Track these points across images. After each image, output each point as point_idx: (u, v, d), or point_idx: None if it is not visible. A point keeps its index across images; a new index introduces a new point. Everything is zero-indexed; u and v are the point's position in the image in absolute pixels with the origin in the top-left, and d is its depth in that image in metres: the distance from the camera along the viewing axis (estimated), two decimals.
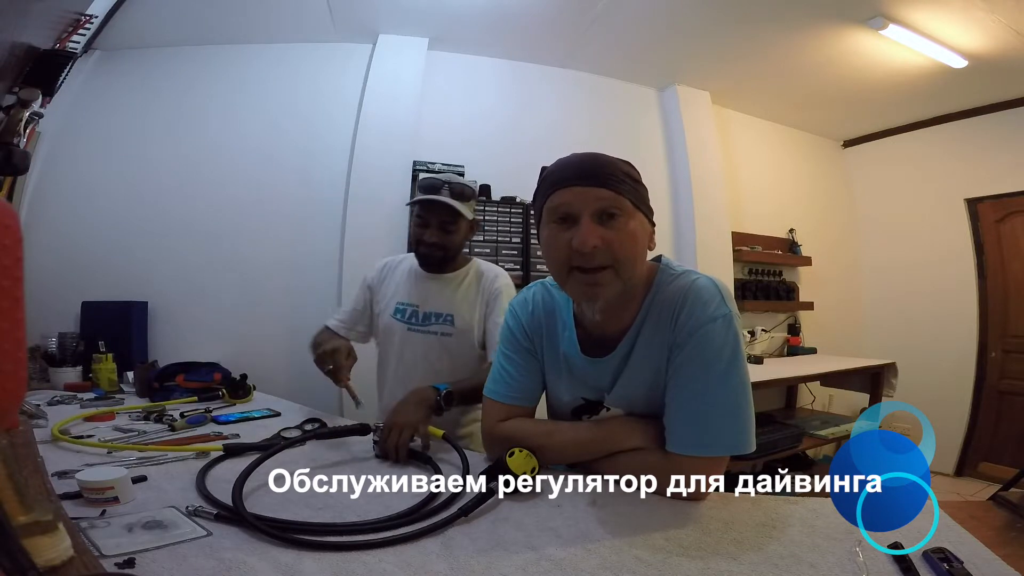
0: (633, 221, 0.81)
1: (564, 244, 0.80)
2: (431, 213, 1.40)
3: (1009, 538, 0.69)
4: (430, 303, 1.45)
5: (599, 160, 0.82)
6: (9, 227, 0.47)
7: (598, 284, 0.80)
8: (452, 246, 1.43)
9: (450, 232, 1.41)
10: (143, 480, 0.83)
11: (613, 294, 0.82)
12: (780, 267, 3.68)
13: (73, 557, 0.49)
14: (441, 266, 1.46)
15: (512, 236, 2.71)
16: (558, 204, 0.81)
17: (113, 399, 1.60)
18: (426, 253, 1.43)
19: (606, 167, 0.81)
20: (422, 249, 1.43)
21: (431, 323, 1.44)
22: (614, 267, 0.80)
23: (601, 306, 0.83)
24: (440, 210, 1.39)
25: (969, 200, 3.48)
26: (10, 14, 1.05)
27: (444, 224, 1.40)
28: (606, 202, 0.79)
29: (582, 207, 0.79)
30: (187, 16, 2.30)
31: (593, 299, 0.82)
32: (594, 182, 0.79)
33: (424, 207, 1.40)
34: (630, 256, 0.80)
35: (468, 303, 1.44)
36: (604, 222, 0.79)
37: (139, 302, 2.21)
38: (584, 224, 0.78)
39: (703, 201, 3.22)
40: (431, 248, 1.41)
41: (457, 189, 1.40)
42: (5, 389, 0.47)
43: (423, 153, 2.65)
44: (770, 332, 3.52)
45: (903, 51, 2.64)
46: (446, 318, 1.44)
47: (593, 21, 2.54)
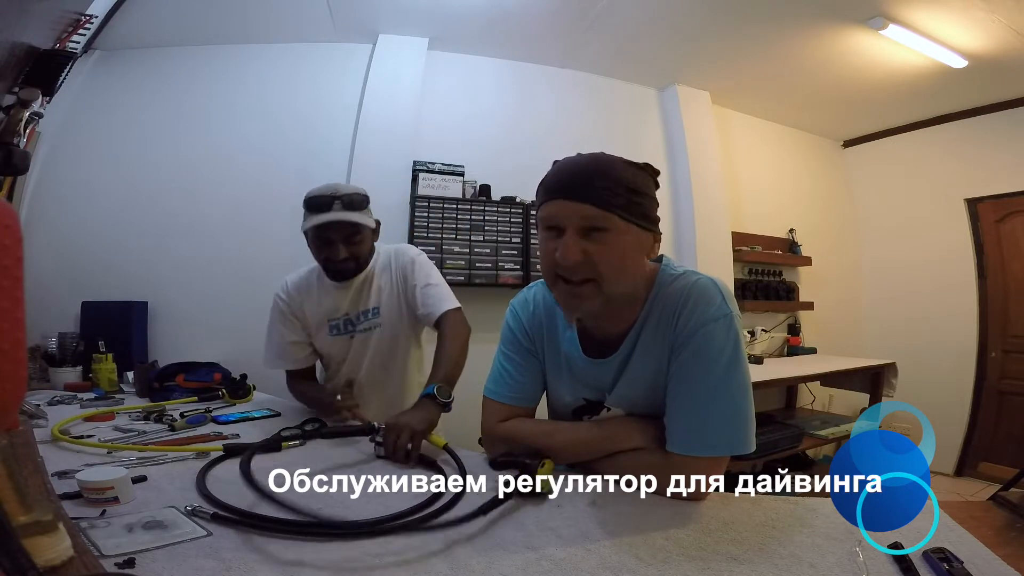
0: (623, 236, 0.79)
1: (550, 253, 0.81)
2: (333, 231, 1.33)
3: (1009, 538, 0.69)
4: (353, 305, 1.45)
5: (595, 170, 0.79)
6: (9, 227, 0.47)
7: (579, 296, 0.80)
8: (363, 255, 1.40)
9: (357, 243, 1.37)
10: (143, 480, 0.83)
11: (595, 307, 0.82)
12: (780, 267, 3.67)
13: (73, 557, 0.49)
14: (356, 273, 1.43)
15: (512, 236, 2.71)
16: (547, 215, 0.81)
17: (113, 399, 1.60)
18: (341, 270, 1.39)
19: (600, 179, 0.78)
20: (332, 267, 1.38)
21: (361, 321, 1.45)
22: (597, 281, 0.79)
23: (583, 316, 0.84)
24: (342, 227, 1.33)
25: (969, 200, 3.48)
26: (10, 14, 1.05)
27: (349, 238, 1.35)
28: (591, 220, 0.78)
29: (567, 221, 0.78)
30: (187, 16, 2.30)
31: (573, 310, 0.84)
32: (581, 197, 0.77)
33: (322, 228, 1.32)
34: (615, 271, 0.80)
35: (387, 289, 1.45)
36: (589, 236, 0.78)
37: (139, 302, 2.21)
38: (567, 238, 0.78)
39: (703, 201, 3.22)
40: (344, 264, 1.37)
41: (347, 200, 1.33)
42: (5, 389, 0.47)
43: (423, 153, 2.65)
44: (770, 332, 3.52)
45: (903, 51, 2.64)
46: (373, 311, 1.45)
47: (593, 21, 2.54)
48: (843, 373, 3.07)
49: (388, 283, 1.46)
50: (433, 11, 2.48)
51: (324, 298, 1.46)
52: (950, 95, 3.22)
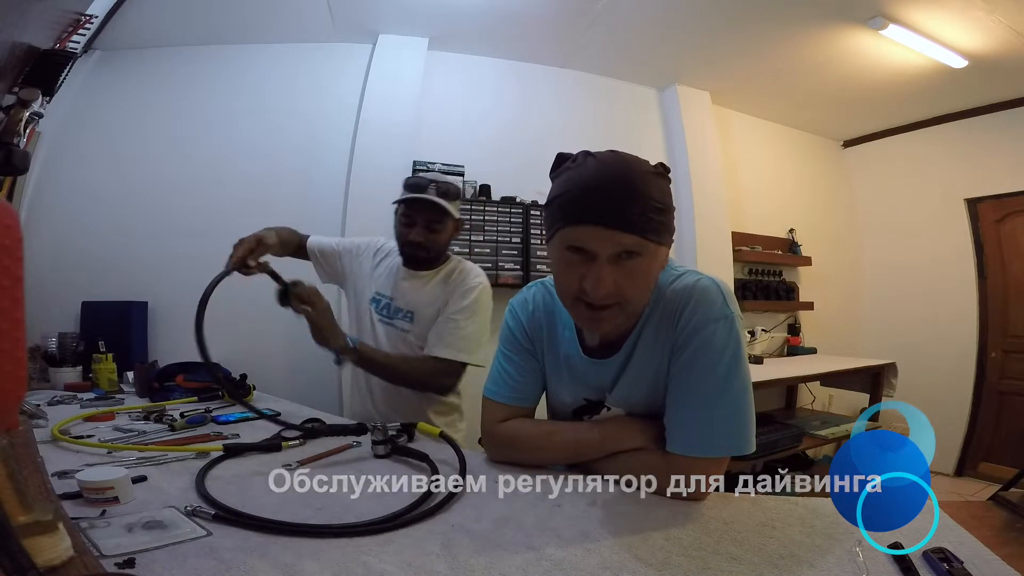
0: (652, 260, 0.76)
1: (574, 279, 0.76)
2: (418, 212, 1.39)
3: (1009, 538, 0.69)
4: (402, 298, 1.46)
5: (628, 191, 0.72)
6: (9, 227, 0.47)
7: (603, 320, 0.78)
8: (437, 245, 1.43)
9: (436, 231, 1.41)
10: (143, 480, 0.83)
11: (615, 327, 0.81)
12: (780, 267, 3.68)
13: (73, 557, 0.49)
14: (424, 264, 1.46)
15: (512, 236, 2.71)
16: (575, 239, 0.74)
17: (113, 399, 1.60)
18: (410, 253, 1.43)
19: (635, 202, 0.72)
20: (407, 249, 1.43)
21: (396, 317, 1.46)
22: (621, 304, 0.77)
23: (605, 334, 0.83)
24: (427, 208, 1.38)
25: (969, 200, 3.48)
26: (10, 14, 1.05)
27: (431, 223, 1.40)
28: (627, 246, 0.73)
29: (600, 249, 0.73)
30: (187, 16, 2.30)
31: (595, 331, 0.83)
32: (616, 225, 0.71)
33: (410, 206, 1.39)
34: (641, 295, 0.79)
35: (430, 301, 1.43)
36: (621, 261, 0.74)
37: (139, 302, 2.21)
38: (600, 268, 0.73)
39: (703, 201, 3.22)
40: (415, 248, 1.41)
41: (443, 188, 1.39)
42: (5, 389, 0.47)
43: (423, 153, 2.65)
44: (770, 332, 3.53)
45: (903, 51, 2.64)
46: (406, 314, 1.44)
47: (593, 21, 2.54)
48: (843, 373, 3.07)
49: (432, 298, 1.43)
50: (433, 11, 2.48)
51: (389, 274, 1.50)
52: (950, 95, 3.22)
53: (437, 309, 1.42)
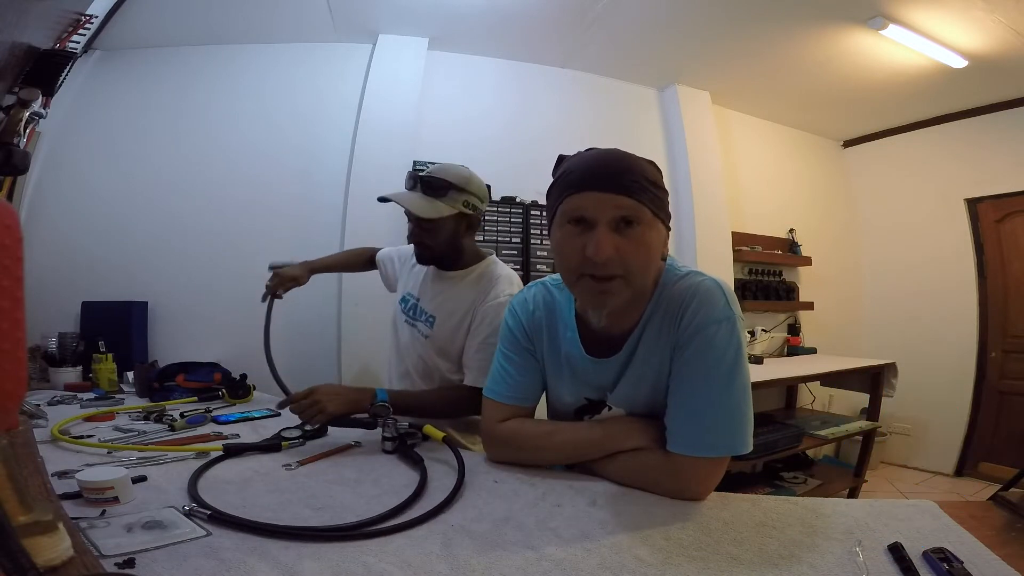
0: (651, 231, 0.78)
1: (577, 250, 0.78)
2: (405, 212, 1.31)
3: (1009, 538, 0.69)
4: (427, 300, 1.40)
5: (622, 163, 0.78)
6: (9, 227, 0.47)
7: (608, 292, 0.79)
8: (435, 244, 1.31)
9: (427, 229, 1.29)
10: (143, 480, 0.83)
11: (621, 302, 0.81)
12: (780, 267, 3.68)
13: (73, 557, 0.49)
14: (439, 264, 1.37)
15: (512, 236, 2.71)
16: (574, 207, 0.78)
17: (113, 399, 1.60)
18: (417, 253, 1.38)
19: (629, 172, 0.77)
20: (415, 249, 1.38)
21: (420, 320, 1.40)
22: (625, 277, 0.78)
23: (607, 313, 0.82)
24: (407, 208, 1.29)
25: (969, 200, 3.48)
26: (10, 14, 1.05)
27: (418, 221, 1.29)
28: (625, 210, 0.76)
29: (599, 214, 0.76)
30: (187, 16, 2.30)
31: (600, 307, 0.81)
32: (615, 188, 0.76)
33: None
34: (643, 266, 0.79)
35: (453, 308, 1.32)
36: (620, 230, 0.77)
37: (139, 302, 2.21)
38: (600, 232, 0.76)
39: (703, 201, 3.22)
40: (417, 247, 1.36)
41: (427, 182, 1.26)
42: (5, 389, 0.47)
43: (423, 153, 2.65)
44: (770, 332, 3.52)
45: (903, 51, 2.64)
46: (429, 318, 1.36)
47: (593, 21, 2.54)
48: (843, 373, 3.06)
49: (456, 306, 1.31)
50: (433, 11, 2.48)
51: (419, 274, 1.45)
52: (950, 95, 3.22)
53: (460, 318, 1.30)
